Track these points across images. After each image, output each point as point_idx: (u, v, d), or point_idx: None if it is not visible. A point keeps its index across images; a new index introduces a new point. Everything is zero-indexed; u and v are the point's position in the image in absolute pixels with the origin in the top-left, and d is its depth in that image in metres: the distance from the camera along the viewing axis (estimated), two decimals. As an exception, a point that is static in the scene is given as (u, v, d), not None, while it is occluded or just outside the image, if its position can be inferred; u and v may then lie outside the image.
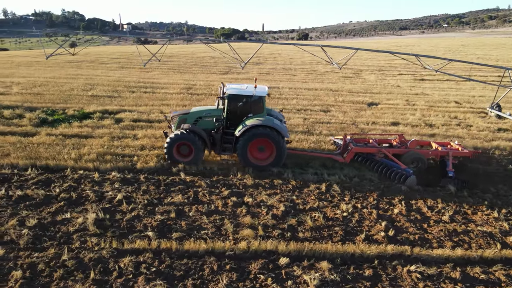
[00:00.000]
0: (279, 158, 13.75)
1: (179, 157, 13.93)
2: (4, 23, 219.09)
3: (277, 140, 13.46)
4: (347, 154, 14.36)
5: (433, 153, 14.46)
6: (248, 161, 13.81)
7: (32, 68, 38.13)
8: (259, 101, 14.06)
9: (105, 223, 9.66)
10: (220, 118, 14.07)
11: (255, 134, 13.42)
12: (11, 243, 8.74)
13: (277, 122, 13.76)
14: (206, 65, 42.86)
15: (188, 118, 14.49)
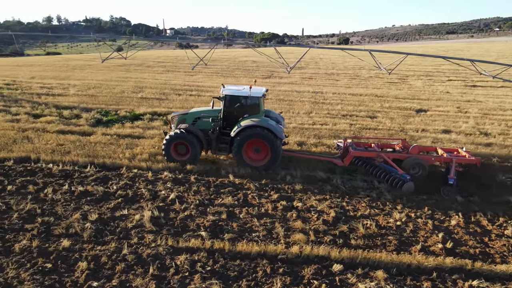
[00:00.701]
0: (274, 159, 13.78)
1: (176, 156, 14.27)
2: (58, 29, 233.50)
3: (272, 141, 13.47)
4: (346, 158, 14.17)
5: (436, 159, 13.88)
6: (243, 161, 13.96)
7: (86, 71, 40.30)
8: (255, 102, 14.17)
9: (160, 221, 10.01)
10: (216, 119, 14.29)
11: (249, 135, 13.57)
12: (75, 236, 9.26)
13: (272, 123, 13.71)
14: (248, 69, 43.34)
15: (187, 118, 14.85)
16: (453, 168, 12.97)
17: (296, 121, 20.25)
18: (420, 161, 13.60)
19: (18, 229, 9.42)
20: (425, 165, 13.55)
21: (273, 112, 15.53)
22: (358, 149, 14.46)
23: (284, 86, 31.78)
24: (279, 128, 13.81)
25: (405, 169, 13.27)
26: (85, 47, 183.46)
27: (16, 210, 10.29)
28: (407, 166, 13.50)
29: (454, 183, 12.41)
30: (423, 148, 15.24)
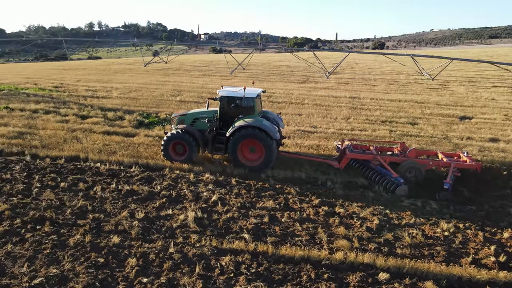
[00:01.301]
0: (268, 159, 13.94)
1: (175, 156, 14.73)
2: (98, 34, 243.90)
3: (266, 141, 13.66)
4: (342, 160, 14.19)
5: (434, 163, 13.69)
6: (238, 161, 14.23)
7: (126, 75, 41.84)
8: (250, 103, 14.43)
9: (203, 221, 10.21)
10: (212, 119, 14.71)
11: (243, 135, 13.84)
12: (124, 233, 9.61)
13: (266, 123, 13.84)
14: (283, 74, 43.38)
15: (186, 119, 15.43)
16: (450, 173, 12.84)
17: (334, 126, 20.06)
18: (415, 165, 13.51)
19: (72, 224, 9.90)
20: (421, 169, 13.43)
21: (271, 113, 15.77)
22: (355, 151, 14.46)
23: (320, 91, 31.57)
24: (273, 128, 13.89)
25: (401, 173, 13.24)
26: (124, 52, 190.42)
27: (69, 206, 10.83)
28: (402, 170, 13.46)
29: (450, 187, 12.28)
30: (423, 152, 15.11)
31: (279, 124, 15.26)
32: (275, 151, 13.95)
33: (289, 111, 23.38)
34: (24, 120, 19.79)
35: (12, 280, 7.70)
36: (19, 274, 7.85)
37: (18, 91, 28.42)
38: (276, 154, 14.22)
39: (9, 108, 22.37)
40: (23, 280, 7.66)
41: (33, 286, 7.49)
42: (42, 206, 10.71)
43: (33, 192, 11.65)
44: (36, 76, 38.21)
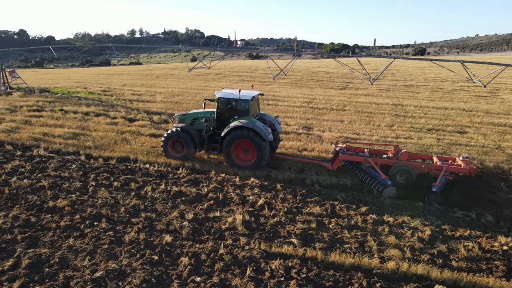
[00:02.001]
0: (260, 160, 14.37)
1: (173, 153, 15.45)
2: (139, 41, 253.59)
3: (257, 142, 14.08)
4: (335, 162, 14.47)
5: (427, 167, 13.66)
6: (232, 160, 14.73)
7: (168, 80, 43.17)
8: (245, 105, 14.81)
9: (251, 225, 10.33)
10: (208, 119, 15.31)
11: (237, 136, 14.31)
12: (175, 232, 9.92)
13: (259, 125, 14.21)
14: (322, 80, 43.11)
15: (186, 118, 16.09)
16: (440, 176, 12.81)
17: (377, 133, 19.67)
18: (406, 168, 13.50)
19: (126, 222, 10.34)
20: (411, 172, 13.41)
21: (268, 115, 16.19)
22: (347, 153, 14.67)
23: (361, 97, 31.07)
24: (266, 130, 14.23)
25: (391, 175, 13.36)
26: (162, 58, 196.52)
27: (123, 204, 11.33)
28: (393, 172, 13.53)
29: (438, 190, 12.23)
30: (418, 156, 15.05)
31: (276, 127, 15.72)
32: (267, 152, 14.33)
33: (330, 118, 23.19)
34: (78, 122, 20.92)
35: (75, 272, 8.14)
36: (81, 267, 8.30)
37: (70, 95, 30.12)
38: (269, 155, 14.64)
39: (64, 110, 23.73)
40: (85, 272, 8.09)
41: (95, 279, 7.88)
42: (98, 204, 11.26)
43: (89, 190, 12.28)
44: (86, 81, 40.31)
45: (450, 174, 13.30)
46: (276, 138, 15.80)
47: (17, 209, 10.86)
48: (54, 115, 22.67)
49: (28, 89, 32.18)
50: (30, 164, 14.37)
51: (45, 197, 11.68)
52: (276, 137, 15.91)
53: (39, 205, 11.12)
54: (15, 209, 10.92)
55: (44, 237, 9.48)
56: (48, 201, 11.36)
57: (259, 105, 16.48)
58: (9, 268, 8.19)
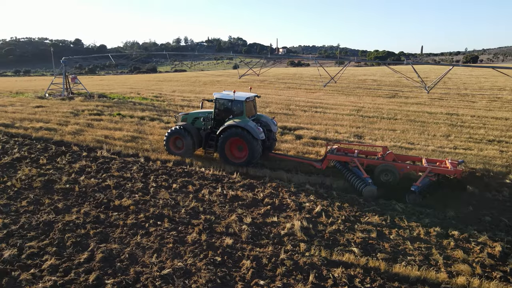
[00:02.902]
0: (251, 157, 15.24)
1: (174, 149, 16.71)
2: (184, 48, 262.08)
3: (249, 140, 14.98)
4: (324, 161, 15.09)
5: (412, 168, 14.01)
6: (226, 157, 15.75)
7: (215, 86, 44.20)
8: (239, 105, 15.71)
9: (310, 231, 10.32)
10: (206, 119, 16.58)
11: (230, 134, 15.28)
12: (234, 235, 10.11)
13: (252, 124, 15.07)
14: (369, 88, 42.25)
15: (188, 118, 17.34)
16: (422, 177, 13.09)
17: (433, 143, 18.95)
18: (390, 167, 13.84)
19: (187, 223, 10.69)
20: (395, 172, 13.73)
21: (265, 116, 17.05)
22: (336, 154, 15.23)
23: (412, 106, 30.10)
24: (257, 129, 15.05)
25: (375, 174, 13.84)
26: (206, 65, 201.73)
27: (183, 206, 11.73)
28: (377, 172, 13.92)
29: (417, 190, 12.48)
30: (409, 158, 15.38)
31: (271, 128, 16.53)
32: (258, 150, 15.18)
33: (381, 126, 22.67)
34: (134, 126, 21.96)
35: (144, 268, 8.53)
36: (149, 264, 8.68)
37: (125, 100, 31.70)
38: (260, 153, 15.46)
39: (121, 114, 25.01)
40: (153, 269, 8.45)
41: (163, 275, 8.21)
42: (160, 204, 11.74)
43: (150, 191, 12.84)
44: (138, 87, 42.25)
45: (434, 176, 13.51)
46: (271, 138, 16.74)
47: (87, 206, 11.58)
48: (113, 119, 23.95)
49: (88, 94, 34.28)
50: (95, 165, 15.27)
51: (111, 196, 12.35)
52: (272, 137, 16.78)
53: (106, 203, 11.78)
54: (85, 205, 11.65)
55: (113, 234, 10.02)
56: (114, 199, 12.01)
57: (256, 106, 17.39)
58: (84, 261, 8.73)
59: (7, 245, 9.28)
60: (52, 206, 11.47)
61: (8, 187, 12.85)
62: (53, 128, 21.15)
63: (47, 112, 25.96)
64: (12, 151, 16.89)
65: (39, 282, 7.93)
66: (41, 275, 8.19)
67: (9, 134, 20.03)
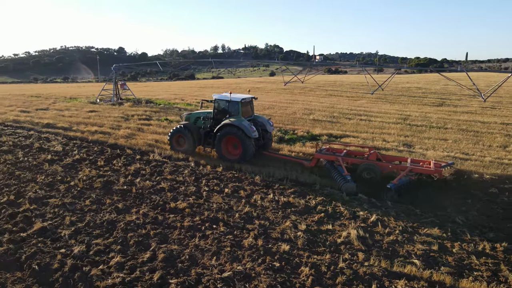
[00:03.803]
0: (244, 154, 16.39)
1: (177, 146, 18.20)
2: (221, 56, 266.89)
3: (242, 138, 16.07)
4: (312, 160, 16.17)
5: (393, 167, 14.66)
6: (222, 154, 16.97)
7: (256, 93, 44.39)
8: (235, 106, 16.80)
9: (367, 241, 10.12)
10: (205, 118, 17.85)
11: (226, 132, 16.42)
12: (290, 241, 10.10)
13: (245, 124, 16.08)
14: (414, 96, 40.96)
15: (191, 117, 18.78)
16: (401, 175, 13.79)
17: (490, 154, 18.04)
18: (371, 166, 14.66)
19: (241, 227, 10.82)
20: (376, 170, 14.53)
21: (261, 117, 18.21)
22: (323, 153, 16.12)
23: (462, 115, 28.86)
24: (250, 128, 16.00)
25: (358, 172, 14.75)
26: (242, 72, 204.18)
27: (236, 210, 11.89)
28: (360, 170, 14.81)
29: (393, 187, 13.03)
30: (396, 158, 16.01)
31: (267, 128, 17.70)
32: (251, 147, 16.25)
33: (431, 136, 21.90)
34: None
35: (205, 270, 8.71)
36: (209, 266, 8.85)
37: (171, 105, 32.72)
38: (253, 150, 16.51)
39: (168, 119, 25.83)
40: (214, 271, 8.61)
41: (223, 278, 8.34)
42: (214, 208, 11.97)
43: (203, 195, 13.12)
44: (181, 93, 43.48)
45: (414, 175, 14.21)
46: (267, 138, 17.87)
47: (144, 207, 12.02)
48: (161, 123, 24.78)
49: (136, 100, 35.72)
50: (149, 168, 15.85)
51: (166, 198, 12.75)
52: (267, 137, 17.92)
53: (162, 205, 12.17)
54: (143, 207, 12.10)
55: (172, 235, 10.32)
56: (169, 202, 12.38)
57: (253, 107, 18.44)
58: (147, 260, 9.05)
59: (76, 241, 9.82)
60: (113, 206, 12.00)
61: (71, 187, 13.61)
62: (106, 132, 22.20)
63: (100, 116, 27.31)
64: (72, 152, 17.89)
65: (108, 278, 8.30)
66: (109, 271, 8.57)
67: (68, 136, 21.26)
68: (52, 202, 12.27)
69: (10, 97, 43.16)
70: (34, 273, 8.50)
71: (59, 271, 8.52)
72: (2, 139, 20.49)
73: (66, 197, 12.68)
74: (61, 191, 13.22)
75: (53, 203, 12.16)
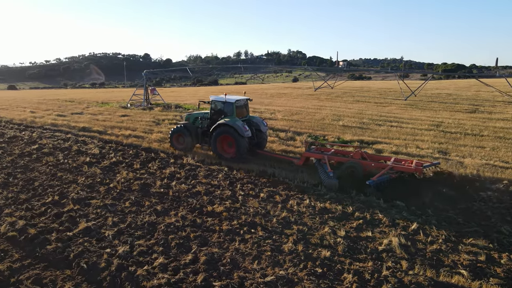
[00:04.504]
0: (237, 152, 17.41)
1: (177, 144, 19.55)
2: (244, 62, 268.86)
3: (235, 137, 17.13)
4: (301, 159, 17.03)
5: (376, 166, 15.28)
6: (217, 152, 18.16)
7: (282, 99, 44.67)
8: (230, 107, 17.94)
9: (409, 249, 9.91)
10: (203, 118, 19.24)
11: (220, 131, 17.53)
12: (330, 247, 10.00)
13: (239, 123, 17.09)
14: (445, 102, 39.99)
15: (190, 117, 20.17)
16: (381, 173, 14.48)
17: (532, 163, 17.37)
18: (354, 164, 15.35)
19: (280, 232, 10.80)
20: (358, 167, 15.15)
21: (256, 117, 19.25)
22: (311, 152, 17.13)
23: (498, 122, 27.95)
24: (243, 128, 17.00)
25: (342, 169, 15.42)
26: (265, 78, 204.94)
27: (273, 215, 11.90)
28: (343, 167, 15.51)
29: (372, 184, 13.85)
30: (381, 157, 16.87)
31: (261, 128, 18.64)
32: (244, 146, 17.20)
33: (467, 143, 21.30)
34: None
35: (247, 273, 8.73)
36: (251, 270, 8.88)
37: (200, 111, 33.13)
38: (246, 148, 17.47)
39: (198, 124, 26.16)
40: (256, 275, 8.62)
41: (266, 282, 8.33)
42: (250, 213, 12.01)
43: (239, 199, 13.20)
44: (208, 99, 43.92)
45: (395, 173, 14.82)
46: (261, 138, 18.85)
47: (182, 210, 12.20)
48: (192, 128, 25.12)
49: (165, 105, 36.43)
50: (183, 171, 16.10)
51: (202, 201, 12.89)
52: (262, 136, 18.89)
53: (199, 208, 12.32)
54: (180, 209, 12.28)
55: (211, 238, 10.43)
56: (206, 205, 12.51)
57: (248, 108, 19.55)
58: (189, 262, 9.16)
59: (119, 242, 10.07)
60: (152, 208, 12.25)
61: (111, 189, 13.99)
62: (140, 136, 22.73)
63: (132, 120, 28.00)
64: (109, 155, 18.40)
65: (154, 278, 8.46)
66: (154, 272, 8.74)
67: (103, 140, 21.89)
68: (93, 203, 12.65)
69: (46, 102, 44.90)
70: (82, 272, 8.77)
71: (106, 270, 8.74)
72: (43, 141, 21.34)
73: (106, 199, 13.04)
74: (101, 193, 13.61)
75: (95, 204, 12.54)
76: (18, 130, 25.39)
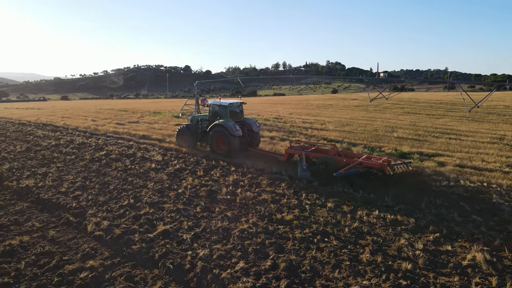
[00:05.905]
0: (230, 149, 19.75)
1: (182, 143, 22.61)
2: (282, 73, 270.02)
3: (227, 136, 19.58)
4: (284, 155, 19.01)
5: (347, 161, 16.87)
6: (213, 149, 20.74)
7: (329, 110, 44.38)
8: (224, 109, 20.38)
9: (497, 266, 9.45)
10: (202, 120, 22.15)
11: (215, 131, 20.15)
12: (409, 260, 9.71)
13: (230, 124, 19.51)
14: (503, 114, 37.97)
15: (193, 119, 23.22)
16: (348, 167, 16.16)
17: None
18: (327, 159, 17.07)
19: (354, 242, 10.68)
20: (331, 163, 16.69)
21: (250, 119, 21.55)
22: (293, 148, 19.24)
23: None
24: (234, 128, 19.34)
25: (317, 163, 17.22)
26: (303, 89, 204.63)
27: (345, 225, 11.81)
28: (318, 162, 17.30)
29: (338, 175, 15.41)
30: (356, 155, 18.31)
31: (253, 128, 20.91)
32: (235, 144, 19.64)
33: (537, 157, 20.12)
34: (269, 145, 23.10)
35: (329, 282, 8.72)
36: (332, 278, 8.85)
37: (250, 121, 33.68)
38: (238, 146, 19.84)
39: (252, 134, 26.57)
40: (339, 284, 8.59)
41: (351, 292, 8.30)
42: (321, 222, 12.00)
43: (306, 208, 13.23)
44: (255, 109, 44.71)
45: (363, 168, 16.33)
46: (253, 137, 21.10)
47: (252, 217, 12.40)
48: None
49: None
50: (246, 179, 16.39)
51: (270, 209, 13.04)
52: (255, 136, 21.16)
53: (268, 216, 12.47)
54: (250, 216, 12.49)
55: (286, 245, 10.50)
56: (275, 213, 12.64)
57: (242, 111, 21.73)
58: (269, 268, 9.28)
59: (198, 245, 10.41)
60: (222, 214, 12.56)
61: (180, 194, 14.50)
62: (197, 144, 23.40)
63: (187, 129, 28.89)
64: (172, 162, 19.11)
65: (238, 282, 8.66)
66: (237, 275, 8.94)
67: (163, 147, 22.78)
68: (166, 207, 13.18)
69: (103, 111, 47.45)
70: (169, 272, 9.14)
71: (191, 271, 9.07)
72: (109, 148, 22.57)
73: (177, 203, 13.53)
74: (171, 198, 14.15)
75: (168, 208, 13.05)
76: (85, 137, 27.00)
